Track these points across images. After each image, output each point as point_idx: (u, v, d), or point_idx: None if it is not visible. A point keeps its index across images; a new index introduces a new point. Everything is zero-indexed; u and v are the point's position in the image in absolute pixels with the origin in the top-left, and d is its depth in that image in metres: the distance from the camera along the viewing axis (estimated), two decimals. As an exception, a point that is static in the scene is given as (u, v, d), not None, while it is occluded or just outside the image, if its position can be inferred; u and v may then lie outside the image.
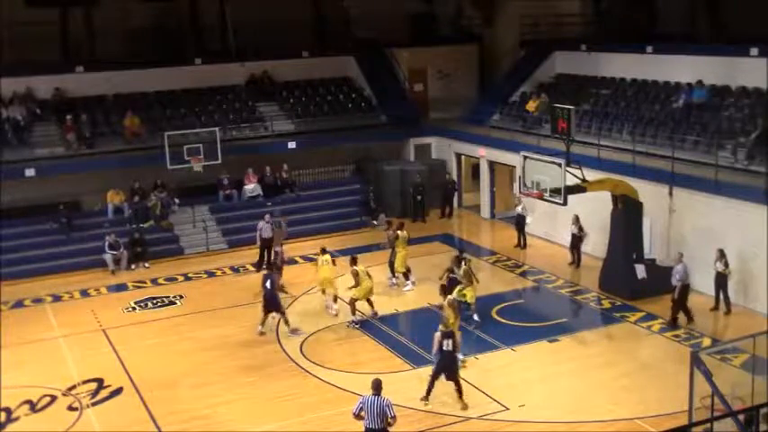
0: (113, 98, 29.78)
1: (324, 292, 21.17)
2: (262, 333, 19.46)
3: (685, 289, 19.28)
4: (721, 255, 19.59)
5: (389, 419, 12.53)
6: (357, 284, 19.93)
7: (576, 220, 23.34)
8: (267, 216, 24.73)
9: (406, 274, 22.50)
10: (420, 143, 31.77)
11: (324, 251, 21.31)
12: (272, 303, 19.45)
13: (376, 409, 12.39)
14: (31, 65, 28.74)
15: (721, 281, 19.69)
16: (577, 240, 23.67)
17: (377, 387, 12.56)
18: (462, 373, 17.09)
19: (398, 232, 22.62)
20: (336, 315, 20.46)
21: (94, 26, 31.40)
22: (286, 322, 19.54)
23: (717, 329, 19.24)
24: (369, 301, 20.31)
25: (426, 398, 15.79)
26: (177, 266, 25.33)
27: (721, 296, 19.85)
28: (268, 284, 19.41)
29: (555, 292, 22.41)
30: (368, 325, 19.97)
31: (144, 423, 15.75)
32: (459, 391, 15.71)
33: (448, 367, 15.62)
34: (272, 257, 24.28)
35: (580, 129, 25.02)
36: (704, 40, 26.46)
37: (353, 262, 20.33)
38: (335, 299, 20.83)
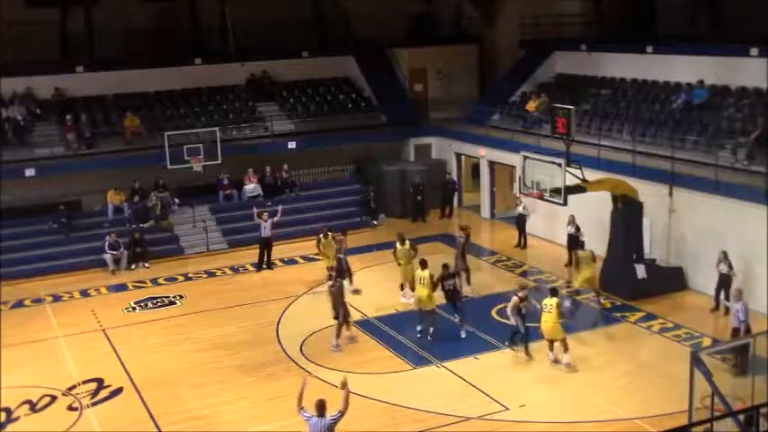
0: (113, 98, 29.80)
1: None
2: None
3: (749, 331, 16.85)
4: (725, 256, 19.51)
5: None
6: None
7: (573, 219, 23.32)
8: (265, 215, 24.72)
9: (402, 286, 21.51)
10: (420, 143, 31.77)
11: (424, 265, 19.14)
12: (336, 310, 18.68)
13: (320, 430, 12.18)
14: (31, 65, 28.75)
15: (724, 283, 19.53)
16: (574, 240, 23.64)
17: (320, 408, 12.22)
18: (463, 372, 17.19)
19: (397, 245, 21.66)
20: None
21: (94, 26, 31.40)
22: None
23: (717, 329, 19.21)
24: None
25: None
26: (177, 266, 25.32)
27: (722, 297, 19.77)
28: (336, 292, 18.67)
29: (555, 292, 22.37)
30: (368, 325, 19.96)
31: (144, 423, 15.75)
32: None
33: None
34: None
35: (580, 129, 25.01)
36: (704, 40, 26.45)
37: None
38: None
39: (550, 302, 17.30)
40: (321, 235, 22.91)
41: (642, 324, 19.62)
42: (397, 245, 21.68)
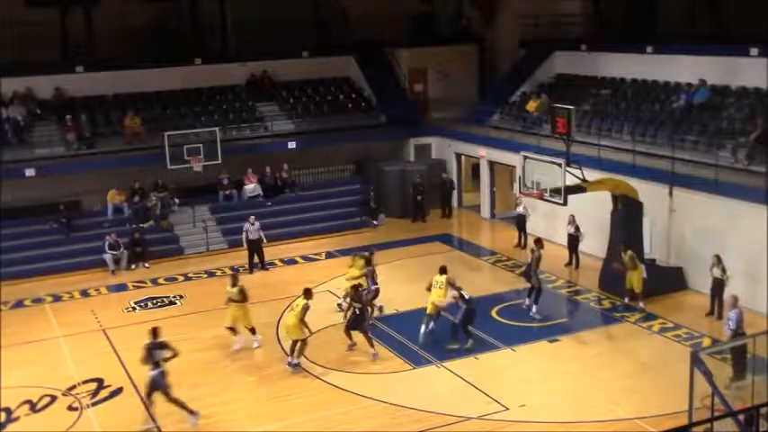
0: (113, 98, 29.82)
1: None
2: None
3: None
4: (718, 260, 19.42)
5: None
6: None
7: (573, 219, 23.31)
8: (252, 218, 24.68)
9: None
10: (420, 143, 31.76)
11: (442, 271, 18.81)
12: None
13: None
14: (31, 65, 28.75)
15: (718, 287, 19.40)
16: (574, 240, 23.64)
17: None
18: (463, 372, 17.20)
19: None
20: None
21: (94, 26, 31.41)
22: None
23: (717, 329, 19.20)
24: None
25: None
26: (177, 266, 25.32)
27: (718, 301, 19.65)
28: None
29: (555, 292, 22.38)
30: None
31: (144, 423, 15.72)
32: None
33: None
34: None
35: (580, 129, 25.02)
36: (704, 40, 26.45)
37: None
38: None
39: (298, 303, 17.40)
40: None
41: (642, 324, 19.62)
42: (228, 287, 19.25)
